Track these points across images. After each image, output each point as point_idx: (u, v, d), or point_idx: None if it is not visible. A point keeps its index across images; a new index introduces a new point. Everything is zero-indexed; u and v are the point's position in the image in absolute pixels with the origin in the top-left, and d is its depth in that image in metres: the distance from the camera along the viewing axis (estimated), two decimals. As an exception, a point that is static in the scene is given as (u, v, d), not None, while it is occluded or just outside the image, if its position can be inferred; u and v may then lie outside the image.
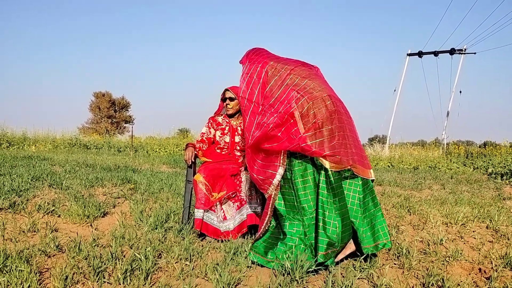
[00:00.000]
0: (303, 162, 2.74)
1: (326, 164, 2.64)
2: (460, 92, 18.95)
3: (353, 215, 2.74)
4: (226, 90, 3.55)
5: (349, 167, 2.70)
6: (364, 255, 2.71)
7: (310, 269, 2.51)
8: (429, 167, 13.45)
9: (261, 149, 2.77)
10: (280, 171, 2.68)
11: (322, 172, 2.68)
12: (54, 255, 2.68)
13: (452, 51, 18.64)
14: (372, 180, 2.85)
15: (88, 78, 72.42)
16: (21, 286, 2.12)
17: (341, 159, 2.66)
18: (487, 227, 3.92)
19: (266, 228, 2.78)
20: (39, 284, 2.20)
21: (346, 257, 2.80)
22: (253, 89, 2.94)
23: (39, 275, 2.28)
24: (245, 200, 3.27)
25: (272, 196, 2.74)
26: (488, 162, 13.33)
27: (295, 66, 2.91)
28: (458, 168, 13.01)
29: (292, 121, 2.70)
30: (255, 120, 2.87)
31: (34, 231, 3.18)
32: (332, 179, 2.65)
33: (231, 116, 3.61)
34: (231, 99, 3.52)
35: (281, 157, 2.69)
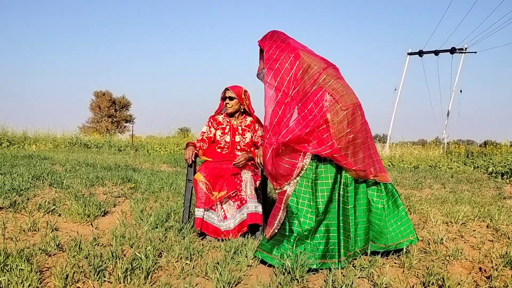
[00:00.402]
0: (327, 164, 2.71)
1: (353, 174, 2.70)
2: (461, 91, 18.94)
3: (378, 218, 2.84)
4: (226, 89, 3.55)
5: (372, 177, 2.76)
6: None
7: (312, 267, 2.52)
8: (430, 166, 13.45)
9: (289, 147, 2.65)
10: (300, 170, 2.65)
11: (345, 175, 2.71)
12: (55, 254, 2.68)
13: (452, 50, 18.62)
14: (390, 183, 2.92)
15: (88, 77, 72.54)
16: (22, 285, 2.12)
17: (368, 171, 2.73)
18: (487, 226, 3.92)
19: (279, 226, 2.73)
20: (40, 283, 2.20)
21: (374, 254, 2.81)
22: (283, 78, 2.74)
23: (39, 274, 2.29)
24: (245, 199, 3.27)
25: (287, 192, 2.69)
26: (489, 161, 13.33)
27: (327, 65, 2.78)
28: (458, 167, 13.01)
29: (325, 126, 2.62)
30: (280, 110, 2.71)
31: (35, 230, 3.18)
32: (354, 185, 2.74)
33: (230, 115, 3.61)
34: (231, 99, 3.52)
35: (305, 157, 2.64)
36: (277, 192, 2.76)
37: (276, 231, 2.72)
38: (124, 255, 2.63)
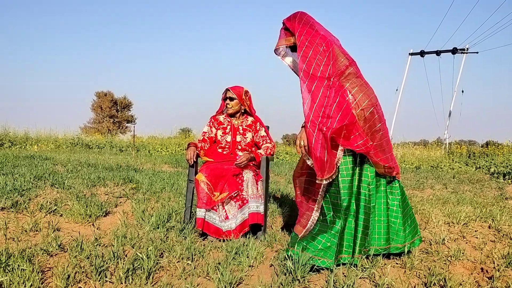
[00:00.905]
0: (347, 160, 2.68)
1: (382, 171, 2.71)
2: (463, 91, 18.92)
3: (394, 215, 2.81)
4: (227, 90, 3.55)
5: (395, 173, 2.79)
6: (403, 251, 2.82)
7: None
8: (431, 166, 13.44)
9: (332, 140, 2.57)
10: (338, 163, 2.62)
11: (366, 173, 2.71)
12: (56, 254, 2.68)
13: (454, 51, 18.61)
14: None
15: (90, 78, 72.69)
16: (24, 285, 2.12)
17: (394, 167, 2.76)
18: (489, 227, 3.91)
19: (312, 226, 2.73)
20: (41, 283, 2.21)
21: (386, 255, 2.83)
22: (318, 64, 2.61)
23: (41, 274, 2.29)
24: (247, 199, 3.27)
25: (322, 186, 2.67)
26: (491, 162, 13.30)
27: (349, 62, 2.71)
28: (460, 167, 12.99)
29: (356, 122, 2.58)
30: (320, 93, 2.57)
31: (36, 231, 3.19)
32: (376, 183, 2.74)
33: (231, 115, 3.61)
34: (231, 99, 3.53)
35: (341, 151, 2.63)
36: (317, 184, 2.68)
37: (309, 231, 2.72)
38: (126, 255, 2.64)
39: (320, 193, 2.70)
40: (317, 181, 2.58)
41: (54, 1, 74.17)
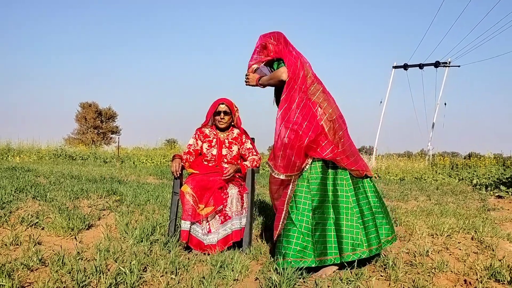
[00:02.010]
0: (318, 165, 2.86)
1: (355, 173, 2.90)
2: (445, 104, 19.19)
3: (378, 211, 2.97)
4: (221, 103, 3.51)
5: (364, 173, 2.95)
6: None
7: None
8: (415, 178, 13.57)
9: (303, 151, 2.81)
10: (304, 168, 2.85)
11: (340, 176, 2.88)
12: (37, 269, 2.62)
13: (436, 64, 18.92)
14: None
15: (74, 88, 72.01)
16: (2, 302, 2.07)
17: (363, 168, 2.93)
18: (472, 238, 3.95)
19: (282, 227, 2.82)
20: (21, 299, 2.15)
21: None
22: (299, 72, 2.91)
23: (20, 290, 2.24)
24: (229, 215, 3.25)
25: (288, 193, 2.82)
26: (473, 173, 13.50)
27: (314, 77, 3.02)
28: (443, 179, 13.14)
29: (323, 133, 2.82)
30: (295, 103, 2.86)
31: (17, 244, 3.12)
32: (353, 186, 2.89)
33: (222, 129, 3.59)
34: (226, 113, 3.51)
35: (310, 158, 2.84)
36: (274, 197, 2.97)
37: (281, 232, 2.82)
38: (108, 270, 2.59)
39: (288, 193, 2.83)
40: (274, 175, 2.84)
41: (37, 11, 73.59)
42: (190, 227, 3.19)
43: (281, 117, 2.85)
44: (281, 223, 2.81)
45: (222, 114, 3.50)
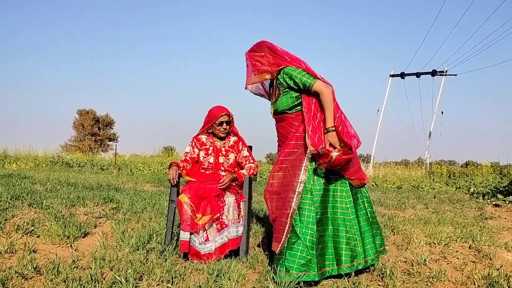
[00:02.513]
0: (319, 177, 2.84)
1: (354, 182, 2.91)
2: (442, 112, 19.30)
3: (373, 221, 2.98)
4: (224, 114, 3.50)
5: (364, 182, 2.97)
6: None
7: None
8: (412, 186, 13.57)
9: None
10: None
11: (340, 188, 2.87)
12: (32, 277, 2.60)
13: (433, 73, 19.03)
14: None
15: (72, 95, 72.04)
16: (-4, 311, 2.05)
17: (363, 177, 2.97)
18: (469, 247, 3.94)
19: (286, 240, 2.76)
20: (15, 308, 2.13)
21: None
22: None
23: (15, 299, 2.21)
24: (226, 224, 3.23)
25: (293, 206, 2.74)
26: (470, 182, 13.52)
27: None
28: (440, 187, 13.15)
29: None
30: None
31: (12, 252, 3.09)
32: (352, 196, 2.89)
33: (222, 138, 3.59)
34: (228, 123, 3.52)
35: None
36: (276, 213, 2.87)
37: (284, 245, 2.73)
38: (104, 278, 2.57)
39: (292, 206, 2.74)
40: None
41: (34, 18, 73.69)
42: (189, 237, 3.17)
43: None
44: (284, 235, 2.72)
45: (224, 124, 3.50)
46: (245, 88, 3.19)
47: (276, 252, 2.75)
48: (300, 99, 2.91)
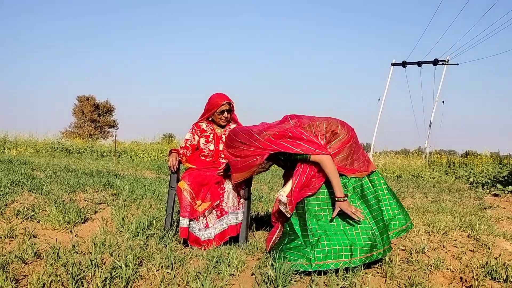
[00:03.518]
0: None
1: (358, 175, 2.87)
2: (443, 102, 19.24)
3: (388, 203, 2.96)
4: (225, 102, 3.45)
5: (370, 170, 2.96)
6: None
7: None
8: (412, 175, 13.60)
9: None
10: None
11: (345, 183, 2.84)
12: (32, 262, 2.61)
13: (435, 62, 18.93)
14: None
15: (72, 82, 71.82)
16: (-4, 294, 2.06)
17: (362, 170, 2.91)
18: (468, 236, 3.96)
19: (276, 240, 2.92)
20: (15, 292, 2.14)
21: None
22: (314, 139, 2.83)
23: (15, 283, 2.22)
24: (226, 210, 3.24)
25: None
26: (470, 172, 13.54)
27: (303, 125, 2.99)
28: (440, 177, 13.17)
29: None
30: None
31: (12, 237, 3.10)
32: (359, 188, 2.87)
33: (223, 126, 3.57)
34: (229, 111, 3.50)
35: None
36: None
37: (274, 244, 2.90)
38: (104, 264, 2.58)
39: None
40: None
41: (34, 4, 73.14)
42: (189, 223, 3.17)
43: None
44: (274, 237, 2.90)
45: (225, 112, 3.48)
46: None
47: (267, 250, 2.92)
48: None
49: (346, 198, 2.69)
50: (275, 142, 2.70)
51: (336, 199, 2.68)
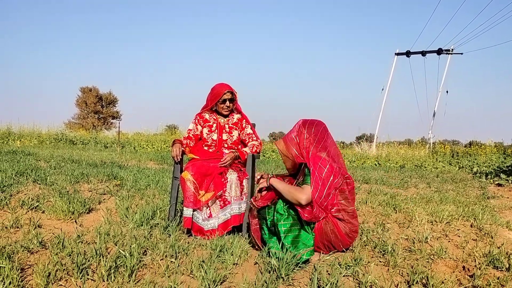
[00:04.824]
0: None
1: None
2: (447, 92, 19.18)
3: None
4: (227, 91, 3.44)
5: None
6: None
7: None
8: (415, 165, 13.58)
9: None
10: None
11: None
12: (37, 251, 2.64)
13: (439, 51, 18.83)
14: None
15: (75, 73, 71.81)
16: (2, 283, 2.08)
17: None
18: (471, 226, 3.96)
19: None
20: (21, 281, 2.17)
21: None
22: None
23: (21, 272, 2.25)
24: (229, 200, 3.25)
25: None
26: (473, 162, 13.51)
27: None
28: (443, 167, 13.15)
29: None
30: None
31: (17, 227, 3.13)
32: None
33: (226, 116, 3.57)
34: (231, 100, 3.49)
35: None
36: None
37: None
38: (108, 253, 2.60)
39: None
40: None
41: (39, -5, 72.92)
42: (192, 213, 3.19)
43: None
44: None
45: (227, 102, 3.47)
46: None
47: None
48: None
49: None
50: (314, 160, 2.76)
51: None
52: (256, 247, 2.93)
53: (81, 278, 2.23)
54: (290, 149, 2.87)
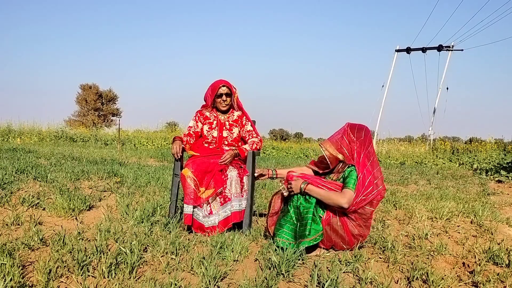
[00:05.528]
0: None
1: None
2: (447, 88, 19.13)
3: None
4: (222, 86, 3.46)
5: None
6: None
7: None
8: (416, 162, 13.58)
9: None
10: None
11: None
12: (38, 248, 2.64)
13: (439, 48, 18.77)
14: None
15: (75, 70, 71.76)
16: (4, 280, 2.08)
17: None
18: (471, 222, 3.97)
19: None
20: (22, 278, 2.17)
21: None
22: None
23: (22, 269, 2.25)
24: (229, 197, 3.25)
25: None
26: (474, 158, 13.51)
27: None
28: (444, 163, 13.15)
29: None
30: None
31: (18, 224, 3.14)
32: None
33: (224, 112, 3.56)
34: (228, 95, 3.48)
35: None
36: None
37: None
38: (109, 250, 2.61)
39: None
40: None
41: (38, -8, 72.80)
42: (193, 210, 3.20)
43: None
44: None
45: (224, 96, 3.47)
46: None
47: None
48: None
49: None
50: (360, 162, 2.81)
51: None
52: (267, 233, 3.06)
53: (82, 275, 2.24)
54: (341, 149, 2.89)
